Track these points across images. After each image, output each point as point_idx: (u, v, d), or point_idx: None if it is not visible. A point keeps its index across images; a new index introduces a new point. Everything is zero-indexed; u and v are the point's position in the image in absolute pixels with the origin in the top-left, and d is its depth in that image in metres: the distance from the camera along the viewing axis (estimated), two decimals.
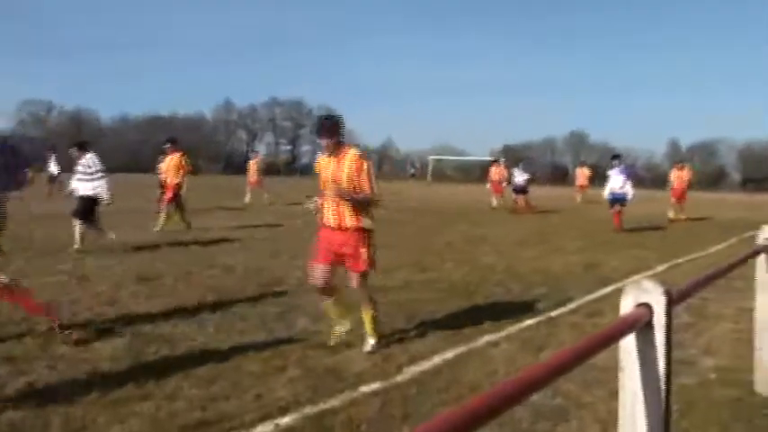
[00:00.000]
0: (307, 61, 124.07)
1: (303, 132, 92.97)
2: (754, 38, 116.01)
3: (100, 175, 10.72)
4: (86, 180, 10.70)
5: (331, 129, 5.52)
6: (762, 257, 4.52)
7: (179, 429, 3.84)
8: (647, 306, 2.50)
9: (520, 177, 22.54)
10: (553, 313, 6.98)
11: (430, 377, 4.89)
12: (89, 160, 10.75)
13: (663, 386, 2.49)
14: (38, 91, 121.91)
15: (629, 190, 15.81)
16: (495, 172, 25.12)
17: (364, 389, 4.57)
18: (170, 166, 14.60)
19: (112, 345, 5.44)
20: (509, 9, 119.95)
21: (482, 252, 11.93)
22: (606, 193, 16.29)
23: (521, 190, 22.55)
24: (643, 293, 2.54)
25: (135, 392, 4.36)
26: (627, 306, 2.54)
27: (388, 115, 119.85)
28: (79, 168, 10.78)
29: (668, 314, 2.49)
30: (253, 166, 25.04)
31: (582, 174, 33.26)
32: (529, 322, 6.56)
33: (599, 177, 28.54)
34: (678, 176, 20.44)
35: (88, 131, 77.13)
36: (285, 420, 4.00)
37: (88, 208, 10.73)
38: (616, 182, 15.90)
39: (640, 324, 2.49)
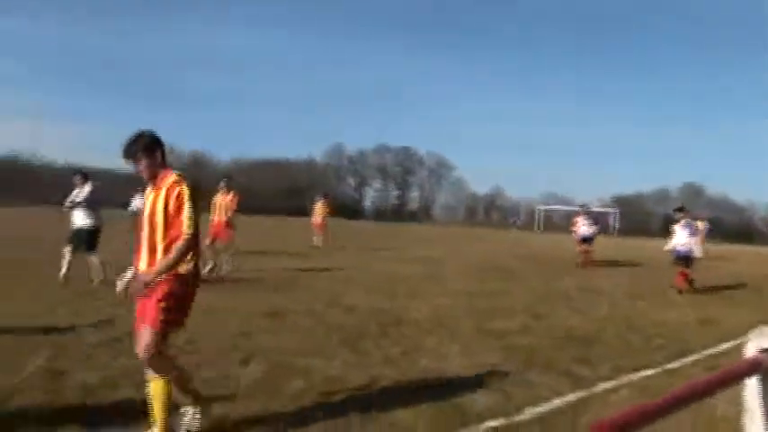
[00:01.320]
0: (417, 110, 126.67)
1: (412, 179, 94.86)
2: None
3: (96, 206, 11.10)
4: (87, 210, 10.93)
5: (137, 149, 4.24)
6: None
7: None
8: None
9: (585, 228, 21.72)
10: (672, 365, 7.03)
11: (552, 417, 5.12)
12: (87, 191, 10.95)
13: None
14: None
15: (693, 247, 14.72)
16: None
17: (490, 424, 4.87)
18: (221, 204, 13.94)
19: (252, 374, 5.96)
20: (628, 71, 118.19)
21: (596, 302, 11.96)
22: (669, 247, 15.34)
23: (585, 240, 21.76)
24: (765, 340, 2.77)
25: (271, 415, 4.86)
26: (750, 350, 2.78)
27: (498, 163, 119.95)
28: (78, 199, 10.94)
29: None
30: (318, 208, 24.75)
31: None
32: (648, 372, 6.65)
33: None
34: None
35: (206, 173, 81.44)
36: None
37: (95, 239, 11.06)
38: (680, 237, 14.95)
39: (764, 367, 2.72)
